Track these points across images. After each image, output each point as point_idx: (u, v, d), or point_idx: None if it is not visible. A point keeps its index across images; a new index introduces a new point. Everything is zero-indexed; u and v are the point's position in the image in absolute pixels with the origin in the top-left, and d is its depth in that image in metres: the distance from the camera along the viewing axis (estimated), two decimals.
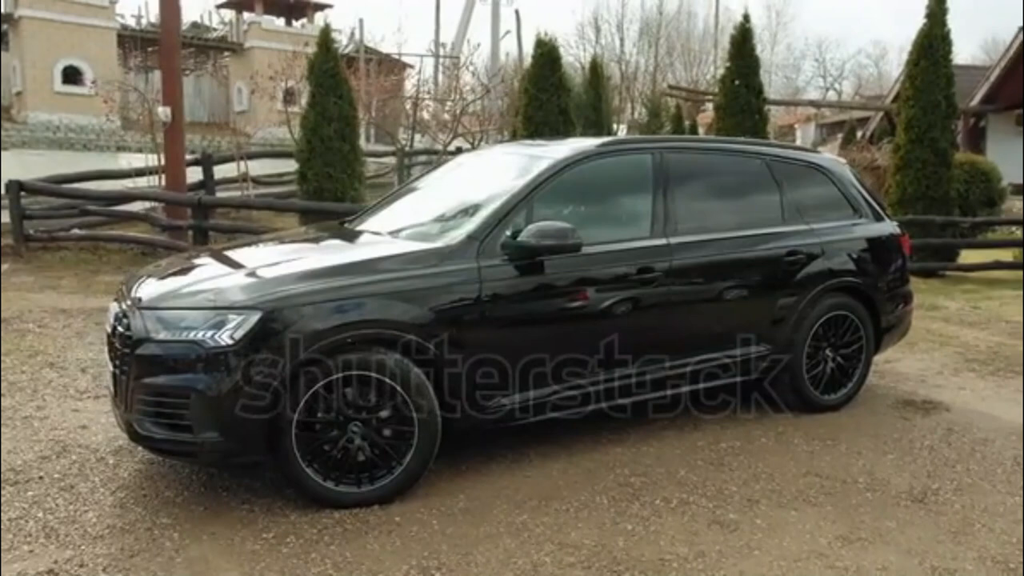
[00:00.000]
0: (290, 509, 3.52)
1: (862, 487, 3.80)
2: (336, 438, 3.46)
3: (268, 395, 3.31)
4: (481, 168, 4.76)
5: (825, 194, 4.97)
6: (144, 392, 3.39)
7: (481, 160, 4.91)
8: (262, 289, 3.44)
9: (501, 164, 4.62)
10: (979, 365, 6.28)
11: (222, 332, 3.29)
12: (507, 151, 4.95)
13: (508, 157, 4.72)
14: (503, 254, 3.78)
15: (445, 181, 4.83)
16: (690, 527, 3.35)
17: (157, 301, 3.52)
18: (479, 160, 4.93)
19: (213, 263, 4.03)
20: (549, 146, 4.65)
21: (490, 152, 5.01)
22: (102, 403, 4.92)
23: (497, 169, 4.54)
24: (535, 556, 3.10)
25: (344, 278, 3.54)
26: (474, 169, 4.80)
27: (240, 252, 4.30)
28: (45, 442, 4.29)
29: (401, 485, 3.56)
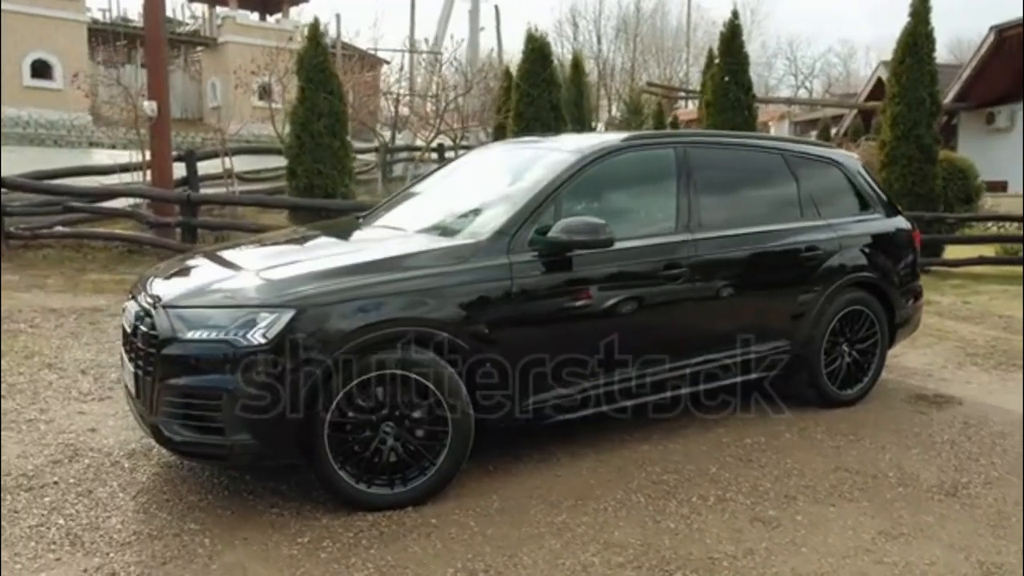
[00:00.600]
0: (320, 512, 3.43)
1: (893, 482, 3.80)
2: (368, 439, 3.38)
3: (301, 396, 3.22)
4: (499, 163, 4.69)
5: (840, 189, 4.98)
6: (172, 394, 3.28)
7: (497, 155, 4.84)
8: (293, 286, 3.35)
9: (520, 159, 4.56)
10: (981, 359, 6.36)
11: (254, 331, 3.20)
12: (523, 146, 4.88)
13: (526, 152, 4.66)
14: (532, 250, 3.72)
15: (462, 176, 4.76)
16: (732, 524, 3.32)
17: (183, 300, 3.41)
18: (495, 155, 4.86)
19: (234, 260, 3.92)
20: (566, 141, 4.61)
21: (505, 147, 4.94)
22: (107, 405, 4.80)
23: (517, 164, 4.47)
24: (582, 556, 3.05)
25: (375, 275, 3.46)
26: (492, 164, 4.73)
27: (259, 249, 4.20)
28: (54, 446, 4.16)
29: (434, 486, 3.50)
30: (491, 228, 3.76)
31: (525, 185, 4.00)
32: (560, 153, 4.16)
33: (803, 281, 4.58)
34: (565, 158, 4.05)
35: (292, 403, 3.21)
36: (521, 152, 4.73)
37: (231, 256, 4.07)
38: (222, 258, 4.03)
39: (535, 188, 3.90)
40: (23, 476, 3.78)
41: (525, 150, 4.73)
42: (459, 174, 4.81)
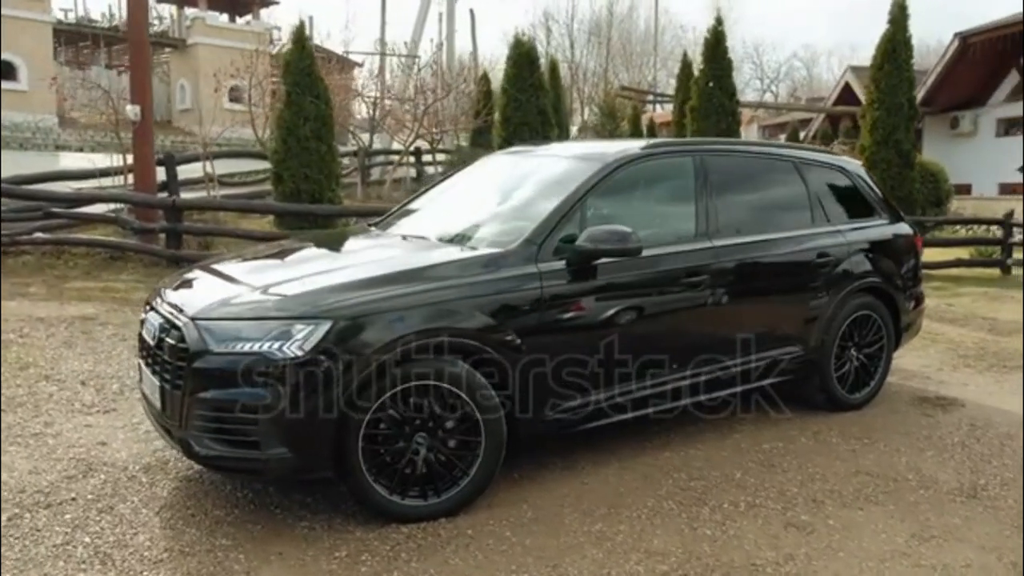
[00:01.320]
0: (352, 525, 3.40)
1: (914, 485, 3.86)
2: (402, 450, 3.35)
3: (337, 408, 3.19)
4: (515, 171, 4.68)
5: (847, 195, 5.06)
6: (204, 407, 3.22)
7: (511, 163, 4.82)
8: (328, 297, 3.31)
9: (536, 167, 4.56)
10: (973, 361, 6.49)
11: (290, 343, 3.15)
12: (537, 153, 4.88)
13: (541, 159, 4.67)
14: (559, 258, 3.72)
15: (477, 184, 4.74)
16: (767, 530, 3.35)
17: (212, 312, 3.34)
18: (509, 163, 4.84)
19: (257, 270, 3.87)
20: (584, 148, 4.63)
21: (518, 155, 4.92)
22: (114, 418, 4.70)
23: (534, 172, 4.47)
24: (626, 566, 3.05)
25: (408, 285, 3.43)
26: (507, 172, 4.71)
27: (280, 258, 4.15)
28: (66, 461, 4.06)
29: (467, 496, 3.48)
30: (519, 237, 3.75)
31: (549, 193, 4.00)
32: (582, 162, 4.17)
33: (816, 287, 4.64)
34: (588, 166, 4.05)
35: (329, 416, 3.18)
36: (536, 160, 4.73)
37: (252, 266, 4.02)
38: (243, 268, 3.97)
39: (560, 197, 3.89)
40: (39, 492, 3.69)
41: (540, 158, 4.73)
42: (474, 182, 4.79)
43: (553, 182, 4.17)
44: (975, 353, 6.78)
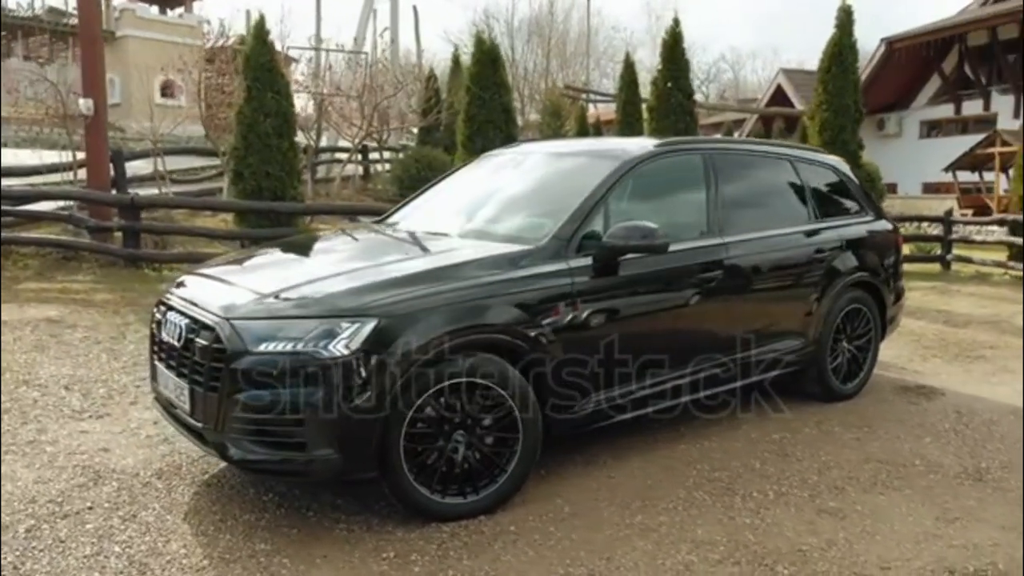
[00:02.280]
0: (391, 525, 3.36)
1: (922, 470, 4.03)
2: (441, 449, 3.33)
3: (384, 407, 3.15)
4: (523, 168, 4.67)
5: (838, 192, 5.24)
6: (244, 409, 3.13)
7: (516, 160, 4.80)
8: (370, 295, 3.26)
9: (548, 164, 4.58)
10: (938, 351, 6.80)
11: (336, 342, 3.10)
12: (546, 151, 4.87)
13: (552, 156, 4.67)
14: (586, 254, 3.75)
15: (485, 180, 4.70)
16: (802, 517, 3.45)
17: (250, 310, 3.25)
18: (514, 160, 4.81)
19: (283, 266, 3.80)
20: (597, 144, 4.70)
21: (522, 153, 4.90)
22: (109, 423, 4.53)
23: (547, 169, 4.50)
24: (678, 556, 3.10)
25: (445, 282, 3.40)
26: (515, 169, 4.69)
27: (302, 255, 4.09)
28: (71, 469, 3.90)
29: (506, 493, 3.48)
30: (545, 233, 3.76)
31: (569, 190, 4.02)
32: (599, 159, 4.21)
33: (816, 282, 4.80)
34: (607, 164, 4.09)
35: (374, 415, 3.13)
36: (545, 157, 4.73)
37: (276, 263, 3.94)
38: (267, 265, 3.89)
39: (582, 193, 3.92)
40: (51, 502, 3.53)
41: (549, 155, 4.73)
42: (482, 178, 4.75)
43: (571, 179, 4.20)
44: (938, 344, 7.10)
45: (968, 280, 11.34)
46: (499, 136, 10.52)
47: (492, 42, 10.69)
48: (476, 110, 10.52)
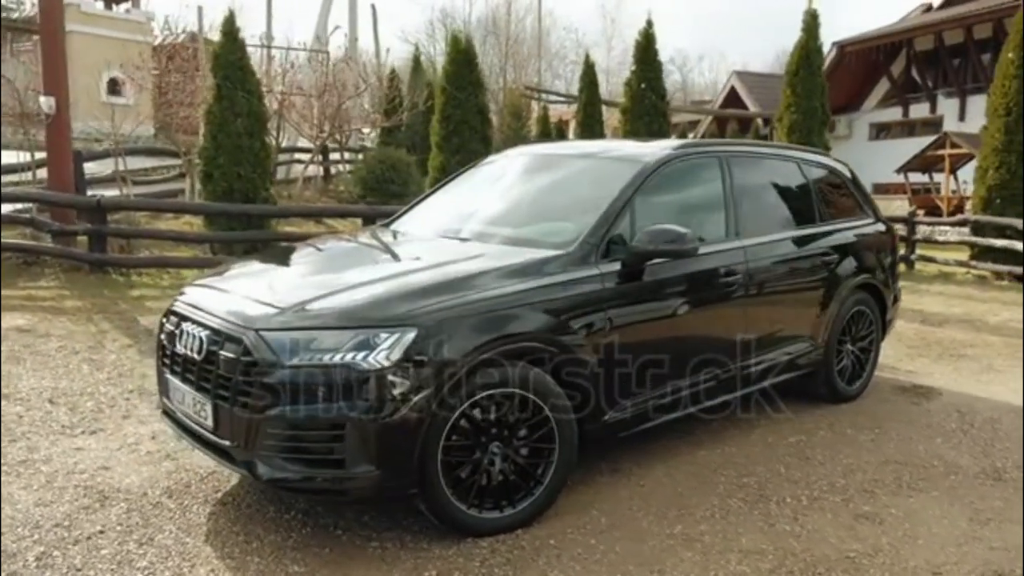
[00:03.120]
0: (425, 542, 3.24)
1: (942, 471, 4.06)
2: (478, 461, 3.22)
3: (425, 420, 3.03)
4: (536, 171, 4.56)
5: (842, 194, 5.26)
6: (277, 426, 2.98)
7: (527, 163, 4.67)
8: (408, 303, 3.13)
9: (562, 167, 4.48)
10: (923, 351, 6.92)
11: (376, 352, 2.96)
12: (556, 153, 4.77)
13: (566, 160, 4.57)
14: (615, 258, 3.68)
15: (496, 184, 4.57)
16: (841, 522, 3.43)
17: (282, 321, 3.09)
18: (524, 163, 4.68)
19: (307, 273, 3.67)
20: (612, 147, 4.64)
21: (531, 155, 4.78)
22: (103, 439, 4.31)
23: (562, 172, 4.41)
24: (728, 567, 3.05)
25: (480, 289, 3.29)
26: (528, 172, 4.58)
27: (320, 262, 3.93)
28: (72, 489, 3.68)
29: (542, 506, 3.38)
30: (576, 238, 3.68)
31: (592, 194, 3.95)
32: (620, 162, 4.14)
33: (825, 283, 4.81)
34: (629, 167, 4.02)
35: (416, 429, 3.01)
36: (556, 159, 4.63)
37: (292, 269, 3.79)
38: (285, 272, 3.74)
39: (607, 197, 3.84)
40: (57, 527, 3.32)
41: (561, 157, 4.64)
42: (492, 181, 4.62)
43: (590, 182, 4.13)
44: (921, 344, 7.22)
45: (933, 279, 11.61)
46: (475, 137, 10.42)
47: (468, 41, 10.57)
48: (452, 110, 10.39)
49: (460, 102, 10.36)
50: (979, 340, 7.41)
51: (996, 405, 5.23)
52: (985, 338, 7.51)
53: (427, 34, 40.03)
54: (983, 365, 6.44)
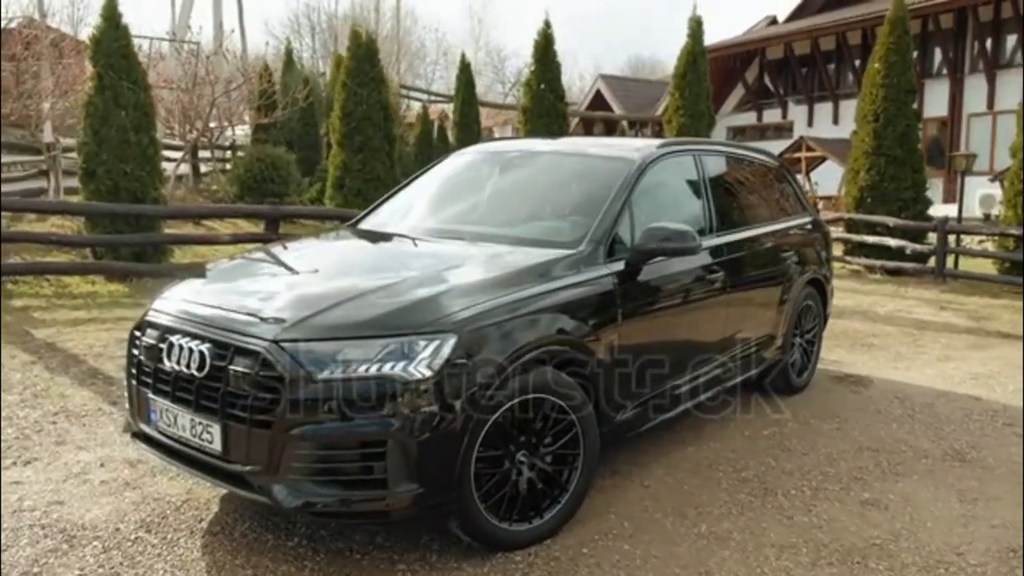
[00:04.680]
0: (454, 560, 3.06)
1: (912, 455, 4.27)
2: (507, 472, 3.07)
3: (466, 432, 2.85)
4: (524, 167, 4.39)
5: (788, 191, 5.45)
6: (308, 446, 2.71)
7: (512, 158, 4.47)
8: (442, 307, 2.93)
9: (552, 164, 4.35)
10: (836, 341, 7.29)
11: (417, 362, 2.76)
12: (542, 149, 4.60)
13: (550, 156, 4.46)
14: (619, 256, 3.63)
15: (483, 180, 4.37)
16: (850, 511, 3.53)
17: (305, 329, 2.81)
18: (511, 158, 4.47)
19: (305, 277, 3.38)
20: (587, 144, 4.63)
21: (514, 149, 4.60)
22: (43, 469, 3.85)
23: (553, 169, 4.29)
24: (771, 562, 3.06)
25: (504, 292, 3.13)
26: (516, 168, 4.40)
27: (311, 263, 3.67)
28: (28, 529, 3.26)
29: (567, 514, 3.28)
30: (582, 237, 3.59)
31: (590, 192, 3.89)
32: (610, 160, 4.09)
33: (785, 278, 4.96)
34: (622, 165, 3.98)
35: (458, 442, 2.83)
36: (544, 156, 4.49)
37: (296, 271, 3.53)
38: (286, 275, 3.49)
39: (606, 195, 3.78)
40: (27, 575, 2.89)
41: (548, 153, 4.51)
42: (476, 178, 4.42)
43: (583, 180, 4.06)
44: (830, 335, 7.49)
45: None
46: (378, 134, 10.11)
47: (369, 36, 10.22)
48: (353, 107, 10.01)
49: (362, 98, 10.00)
50: (878, 331, 7.92)
51: (924, 391, 5.58)
52: (883, 328, 8.03)
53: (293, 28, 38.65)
54: (892, 354, 6.88)
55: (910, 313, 8.90)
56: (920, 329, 7.99)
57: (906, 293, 10.25)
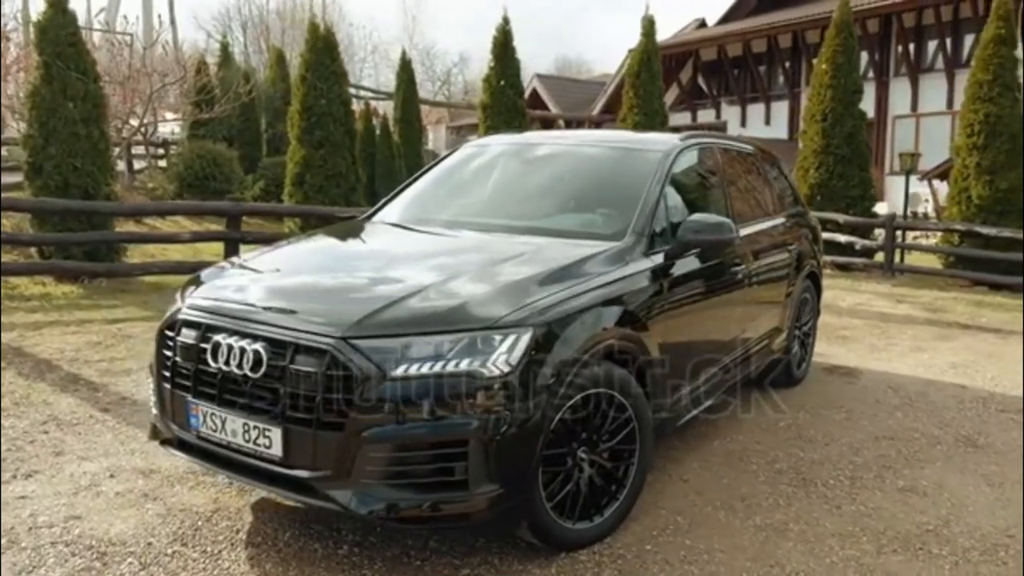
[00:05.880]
0: (519, 563, 2.95)
1: (927, 442, 4.37)
2: (570, 468, 2.99)
3: (543, 428, 2.75)
4: (549, 159, 4.27)
5: (786, 186, 5.52)
6: (384, 448, 2.57)
7: (535, 150, 4.36)
8: (513, 300, 2.82)
9: (578, 155, 4.25)
10: None
11: (495, 357, 2.64)
12: (564, 141, 4.53)
13: (577, 148, 4.35)
14: (660, 248, 3.59)
15: (507, 172, 4.25)
16: (893, 498, 3.57)
17: (376, 324, 2.67)
18: (533, 150, 4.37)
19: (358, 271, 3.24)
20: (609, 137, 4.63)
21: (534, 140, 4.50)
22: (47, 482, 3.58)
23: (580, 161, 4.19)
24: (837, 552, 3.06)
25: (566, 285, 3.04)
26: (539, 160, 4.28)
27: (352, 256, 3.52)
28: (51, 547, 3.00)
29: (625, 511, 3.21)
30: (625, 229, 3.53)
31: (622, 184, 3.84)
32: (638, 151, 4.06)
33: (789, 269, 5.01)
34: (650, 156, 3.95)
35: (536, 438, 2.73)
36: (568, 148, 4.39)
37: (342, 263, 3.42)
38: (333, 267, 3.37)
39: (639, 187, 3.74)
40: None
41: (573, 146, 4.42)
42: (500, 169, 4.28)
43: (612, 172, 4.02)
44: None
45: None
46: (339, 129, 9.84)
47: (328, 27, 9.93)
48: (313, 101, 9.71)
49: (322, 92, 9.71)
50: (847, 324, 8.12)
51: (912, 380, 5.74)
52: (850, 321, 8.24)
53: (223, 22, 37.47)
54: (866, 346, 7.05)
55: (871, 307, 9.17)
56: (885, 322, 8.23)
57: (861, 287, 10.57)
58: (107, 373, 5.20)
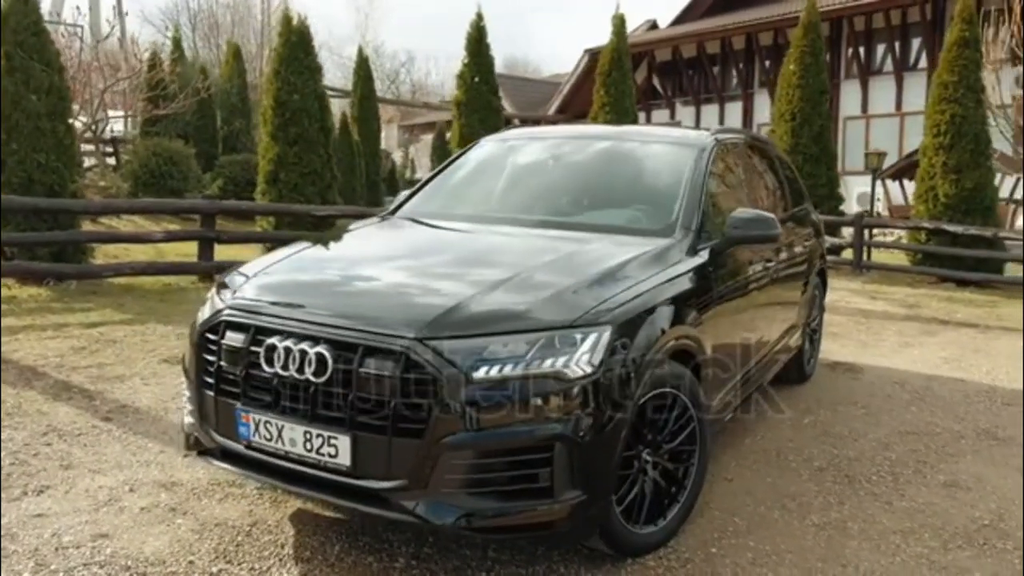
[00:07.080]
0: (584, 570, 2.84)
1: (951, 436, 4.39)
2: (636, 472, 2.89)
3: (620, 431, 2.65)
4: (580, 154, 4.16)
5: (794, 181, 5.51)
6: (465, 455, 2.43)
7: (565, 144, 4.24)
8: (590, 298, 2.71)
9: (613, 151, 4.15)
10: None
11: (578, 356, 2.53)
12: (593, 134, 4.47)
13: (611, 143, 4.26)
14: (705, 245, 3.52)
15: (540, 167, 4.13)
16: (938, 493, 3.56)
17: (454, 324, 2.52)
18: (562, 144, 4.24)
19: (416, 267, 3.09)
20: (640, 131, 4.60)
21: (562, 135, 4.37)
22: (63, 498, 3.33)
23: (615, 156, 4.09)
24: (903, 550, 3.02)
25: (636, 282, 2.94)
26: (571, 155, 4.16)
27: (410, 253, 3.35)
28: (85, 569, 2.77)
29: (686, 513, 3.12)
30: (674, 224, 3.46)
31: (662, 179, 3.78)
32: (675, 146, 3.99)
33: (806, 266, 5.01)
34: (688, 151, 3.88)
35: (617, 441, 2.63)
36: (600, 143, 4.31)
37: (396, 259, 3.24)
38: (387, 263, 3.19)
39: (681, 183, 3.67)
40: None
41: (606, 140, 4.35)
42: (532, 164, 4.17)
43: (651, 168, 3.95)
44: None
45: None
46: (315, 125, 9.56)
47: (302, 20, 9.64)
48: (287, 96, 9.42)
49: (297, 88, 9.43)
50: (832, 320, 8.13)
51: (913, 375, 5.81)
52: (834, 318, 8.30)
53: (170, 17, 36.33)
54: (856, 341, 7.13)
55: (849, 303, 9.31)
56: (867, 318, 8.36)
57: (833, 284, 10.67)
58: (99, 379, 4.91)
